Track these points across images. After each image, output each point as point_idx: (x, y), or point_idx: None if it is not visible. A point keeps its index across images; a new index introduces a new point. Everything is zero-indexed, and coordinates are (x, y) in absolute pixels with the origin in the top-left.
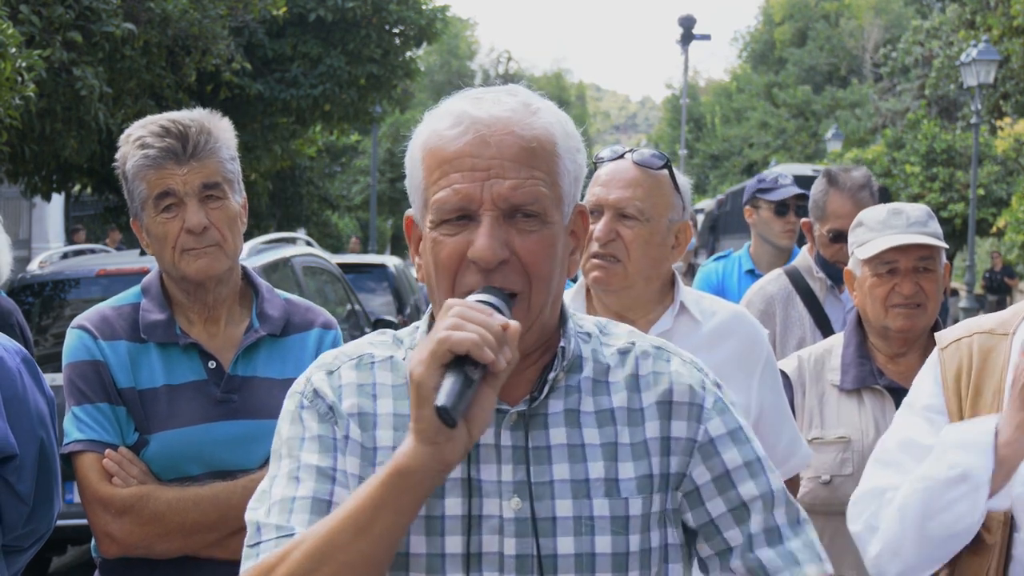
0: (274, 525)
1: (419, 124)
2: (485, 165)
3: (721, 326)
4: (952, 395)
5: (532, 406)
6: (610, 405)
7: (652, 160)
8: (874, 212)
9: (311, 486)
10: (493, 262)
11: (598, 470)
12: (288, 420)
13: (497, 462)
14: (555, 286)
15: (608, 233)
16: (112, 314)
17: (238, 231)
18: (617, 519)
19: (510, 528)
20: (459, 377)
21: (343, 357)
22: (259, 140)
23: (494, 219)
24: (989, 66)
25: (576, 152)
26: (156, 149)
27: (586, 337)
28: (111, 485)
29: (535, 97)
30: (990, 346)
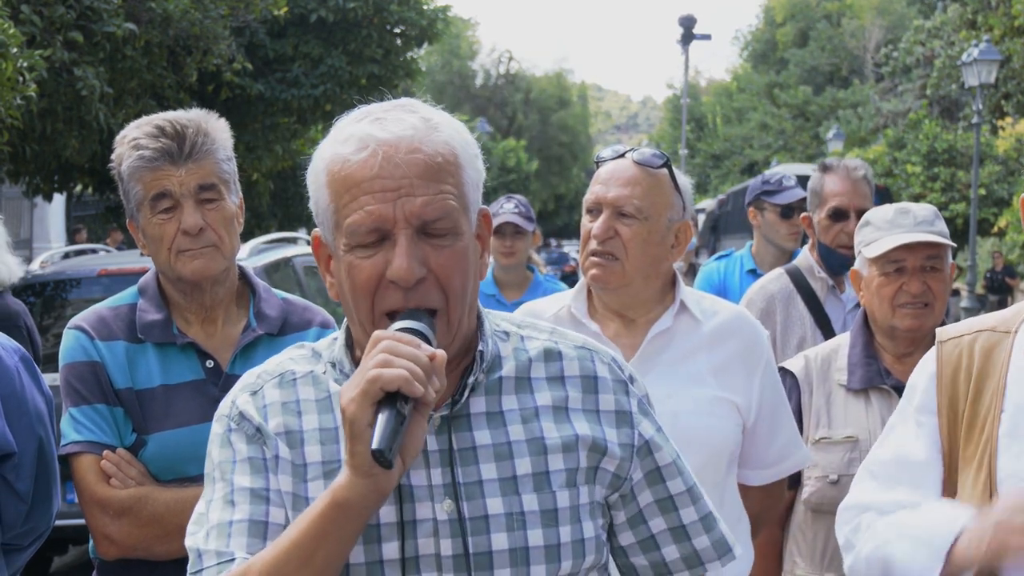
0: (214, 551)
1: (319, 146)
2: (395, 185)
3: (722, 326)
4: (946, 392)
5: (454, 409)
6: (534, 403)
7: (652, 159)
8: (881, 211)
9: (246, 508)
10: (412, 280)
11: (525, 466)
12: (218, 444)
13: (426, 467)
14: (470, 296)
15: (606, 231)
16: (109, 314)
17: (234, 232)
18: (547, 512)
19: (445, 530)
20: (391, 414)
21: (265, 376)
22: (260, 140)
23: (409, 237)
24: (990, 66)
25: (475, 159)
26: (152, 150)
27: (504, 336)
28: (109, 487)
29: (432, 111)
30: (992, 344)
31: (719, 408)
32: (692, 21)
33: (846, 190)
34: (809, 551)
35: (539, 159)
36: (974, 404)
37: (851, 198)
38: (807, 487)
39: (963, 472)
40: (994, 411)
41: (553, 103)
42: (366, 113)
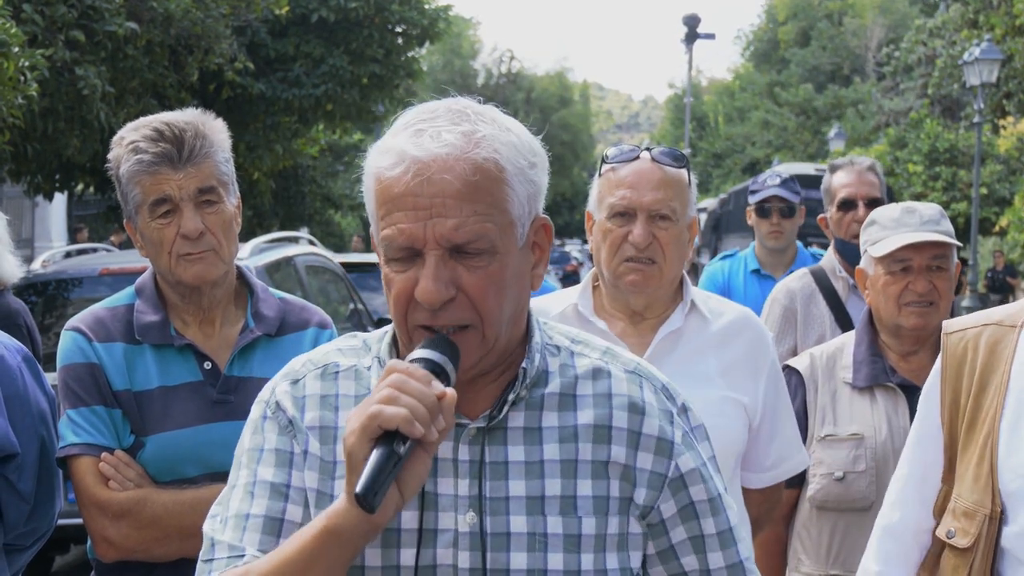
0: (227, 544)
1: (370, 153)
2: (427, 204)
3: (730, 326)
4: (950, 384)
5: (491, 423)
6: (575, 421)
7: (675, 159)
8: (887, 211)
9: (264, 504)
10: (437, 303)
11: (555, 487)
12: (251, 429)
13: (454, 476)
14: (509, 312)
15: (646, 237)
16: (107, 315)
17: (233, 235)
18: (570, 537)
19: (464, 542)
20: (383, 454)
21: (310, 365)
22: (261, 139)
23: (438, 258)
24: (992, 65)
25: (530, 169)
26: (151, 154)
27: (555, 350)
28: (108, 489)
29: (480, 119)
30: (997, 338)
31: (728, 408)
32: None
33: (852, 181)
34: (814, 548)
35: None
36: (977, 398)
37: (857, 187)
38: (812, 484)
39: (961, 465)
40: (997, 405)
41: (554, 102)
42: (411, 121)
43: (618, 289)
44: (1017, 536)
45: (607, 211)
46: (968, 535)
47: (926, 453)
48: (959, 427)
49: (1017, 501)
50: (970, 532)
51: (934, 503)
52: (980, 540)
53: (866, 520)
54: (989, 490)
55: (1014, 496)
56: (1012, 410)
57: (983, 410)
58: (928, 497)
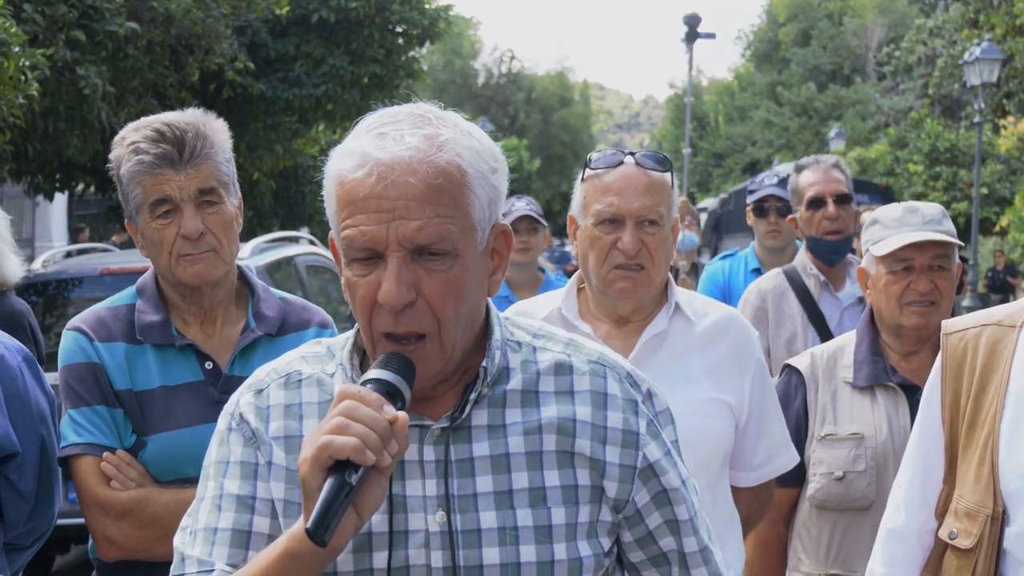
0: (196, 558)
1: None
2: (389, 207)
3: (714, 327)
4: (951, 385)
5: (454, 422)
6: (539, 417)
7: (658, 164)
8: (889, 210)
9: (231, 517)
10: (399, 306)
11: (522, 480)
12: (217, 440)
13: (421, 477)
14: (465, 318)
15: (636, 244)
16: (108, 315)
17: (234, 235)
18: (540, 528)
19: (436, 541)
20: (334, 486)
21: (273, 374)
22: (262, 139)
23: (400, 260)
24: (992, 65)
25: (491, 174)
26: (152, 155)
27: (516, 346)
28: (109, 488)
29: (442, 123)
30: (997, 338)
31: (713, 409)
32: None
33: (819, 179)
34: (814, 548)
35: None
36: (977, 398)
37: (825, 185)
38: (812, 484)
39: (962, 465)
40: (997, 405)
41: (555, 102)
42: (373, 124)
43: (607, 295)
44: (1018, 537)
45: (594, 218)
46: (970, 536)
47: (928, 454)
48: (959, 428)
49: (1018, 502)
50: (972, 533)
51: (936, 504)
52: (983, 541)
53: (866, 520)
54: (990, 491)
55: (1015, 496)
56: (1012, 410)
57: (983, 410)
58: (931, 498)
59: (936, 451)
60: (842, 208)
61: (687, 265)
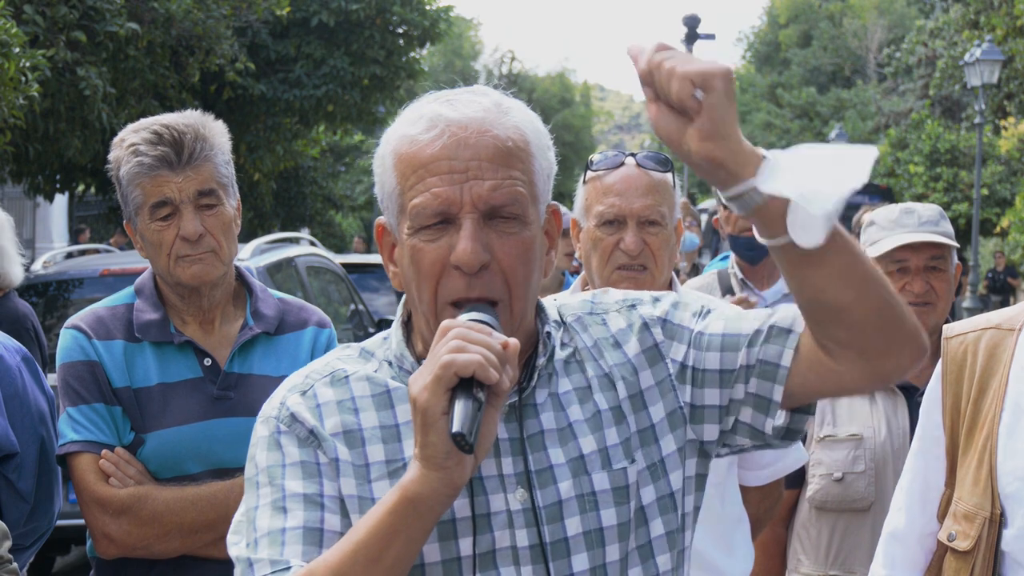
0: (267, 560)
1: (387, 131)
2: (463, 167)
3: None
4: (951, 389)
5: (523, 396)
6: (584, 381)
7: (659, 165)
8: (886, 211)
9: (300, 515)
10: (476, 265)
11: (589, 444)
12: (264, 447)
13: (497, 456)
14: (533, 289)
15: (638, 244)
16: (106, 314)
17: (232, 237)
18: (618, 490)
19: (519, 520)
20: (468, 400)
21: (314, 375)
22: (262, 140)
23: (475, 221)
24: (993, 66)
25: (547, 150)
26: (150, 157)
27: (557, 325)
28: (108, 486)
29: (505, 97)
30: (996, 342)
31: None
32: (696, 21)
33: None
34: (813, 549)
35: None
36: (977, 402)
37: None
38: (812, 485)
39: (962, 468)
40: (996, 408)
41: (556, 103)
42: (437, 96)
43: None
44: (1016, 539)
45: (596, 219)
46: (969, 538)
47: (929, 458)
48: (960, 431)
49: (1015, 504)
50: (970, 535)
51: (938, 507)
52: (980, 543)
53: (865, 521)
54: (988, 493)
55: (1012, 499)
56: (1010, 413)
57: (983, 414)
58: (932, 501)
59: (937, 454)
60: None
61: (687, 266)
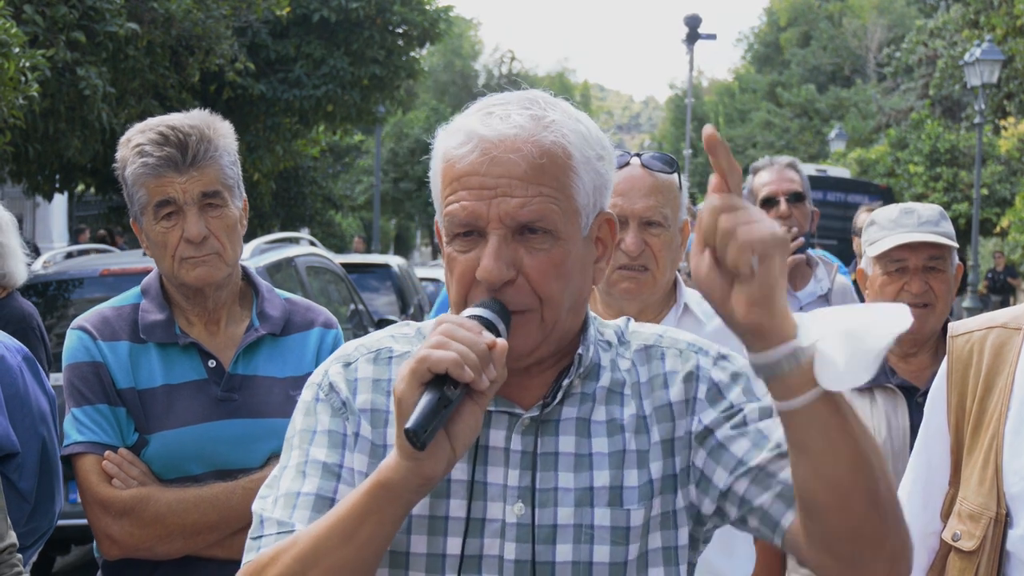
0: (276, 520)
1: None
2: (492, 184)
3: (724, 328)
4: (956, 388)
5: (544, 412)
6: (621, 416)
7: (665, 166)
8: (886, 211)
9: (316, 482)
10: (497, 283)
11: (603, 479)
12: (303, 411)
13: (505, 466)
14: (570, 299)
15: (639, 244)
16: (112, 315)
17: (237, 238)
18: (618, 529)
19: (511, 533)
20: (435, 397)
21: (362, 349)
22: (262, 140)
23: (501, 238)
24: (993, 66)
25: (597, 160)
26: (155, 158)
27: (606, 346)
28: (111, 487)
29: (551, 106)
30: (1003, 341)
31: None
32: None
33: (773, 179)
34: None
35: None
36: (983, 401)
37: (778, 184)
38: None
39: (967, 468)
40: (1002, 407)
41: None
42: (482, 105)
43: (611, 296)
44: (1021, 539)
45: None
46: (974, 538)
47: (932, 456)
48: (965, 430)
49: (1021, 504)
50: (975, 535)
51: (941, 506)
52: (986, 543)
53: None
54: (994, 493)
55: (1018, 499)
56: (1016, 412)
57: (988, 413)
58: (935, 500)
59: (941, 453)
60: (795, 207)
61: (688, 266)
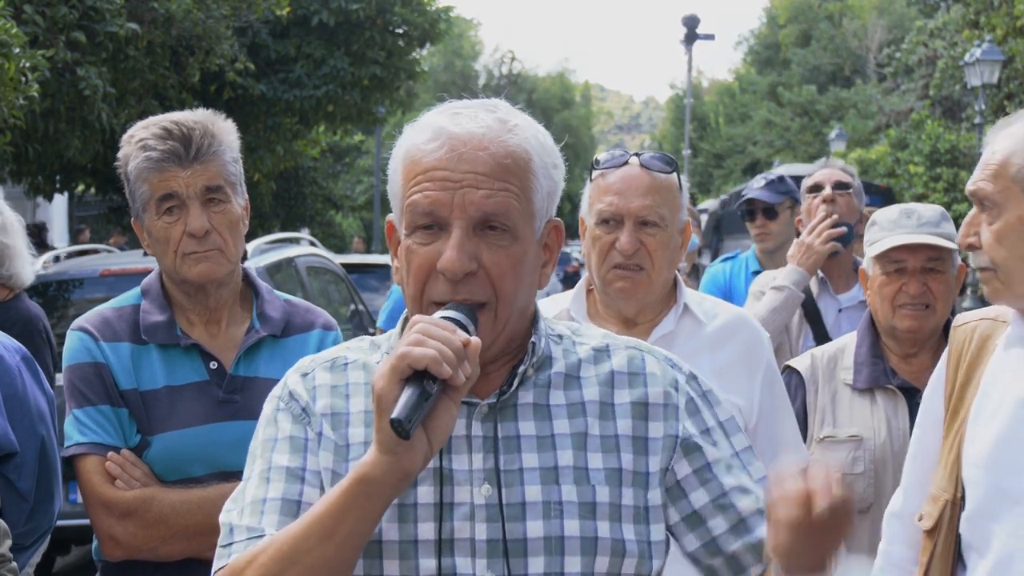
0: (245, 527)
1: (405, 132)
2: (458, 178)
3: (724, 328)
4: (951, 376)
5: (501, 399)
6: (581, 399)
7: (664, 165)
8: (887, 212)
9: (280, 487)
10: (460, 274)
11: (567, 458)
12: (264, 423)
13: (468, 452)
14: (522, 298)
15: (633, 244)
16: (113, 316)
17: (239, 234)
18: (585, 504)
19: (480, 514)
20: (416, 390)
21: (318, 360)
22: (262, 140)
23: (464, 230)
24: (993, 66)
25: (552, 168)
26: (159, 151)
27: (557, 339)
28: (114, 488)
29: (513, 113)
30: (989, 332)
31: None
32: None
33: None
34: None
35: None
36: (963, 389)
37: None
38: None
39: (942, 452)
40: (972, 396)
41: (556, 103)
42: (448, 107)
43: (607, 295)
44: (967, 520)
45: (595, 217)
46: (931, 519)
47: (927, 439)
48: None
49: (971, 487)
50: (933, 515)
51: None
52: (942, 524)
53: (865, 522)
54: (953, 477)
55: (969, 483)
56: (978, 401)
57: (964, 401)
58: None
59: (935, 437)
60: (840, 193)
61: (688, 267)
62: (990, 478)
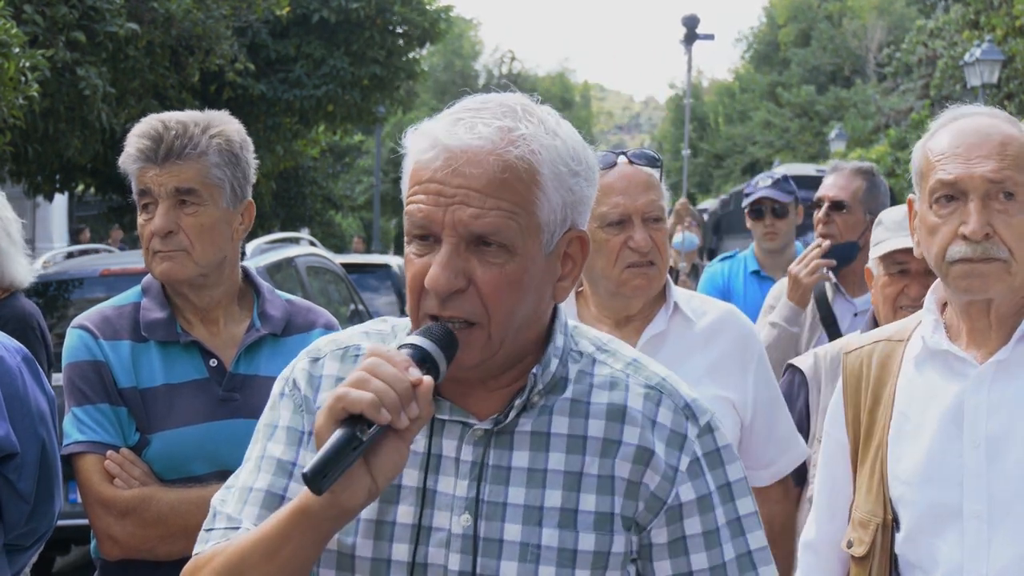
0: (227, 515)
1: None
2: (451, 192)
3: (713, 324)
4: (850, 402)
5: (498, 426)
6: (584, 432)
7: (653, 160)
8: (892, 212)
9: (268, 479)
10: (444, 292)
11: (555, 499)
12: (270, 405)
13: (455, 476)
14: (521, 317)
15: (647, 241)
16: (113, 314)
17: (214, 240)
18: (565, 551)
19: (456, 544)
20: (342, 437)
21: (332, 345)
22: (262, 140)
23: (453, 247)
24: (993, 66)
25: (571, 177)
26: (135, 149)
27: (577, 356)
28: (113, 487)
29: (527, 118)
30: (887, 353)
31: (717, 408)
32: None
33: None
34: None
35: None
36: (872, 412)
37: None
38: (813, 485)
39: (860, 477)
40: (886, 417)
41: (556, 103)
42: (455, 109)
43: (619, 296)
44: (905, 541)
45: (599, 220)
46: (863, 544)
47: (836, 469)
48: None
49: (902, 507)
50: (865, 541)
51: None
52: (875, 548)
53: None
54: (881, 499)
55: (899, 503)
56: (897, 421)
57: (876, 423)
58: (841, 510)
59: (843, 465)
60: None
61: (687, 266)
62: (926, 495)
